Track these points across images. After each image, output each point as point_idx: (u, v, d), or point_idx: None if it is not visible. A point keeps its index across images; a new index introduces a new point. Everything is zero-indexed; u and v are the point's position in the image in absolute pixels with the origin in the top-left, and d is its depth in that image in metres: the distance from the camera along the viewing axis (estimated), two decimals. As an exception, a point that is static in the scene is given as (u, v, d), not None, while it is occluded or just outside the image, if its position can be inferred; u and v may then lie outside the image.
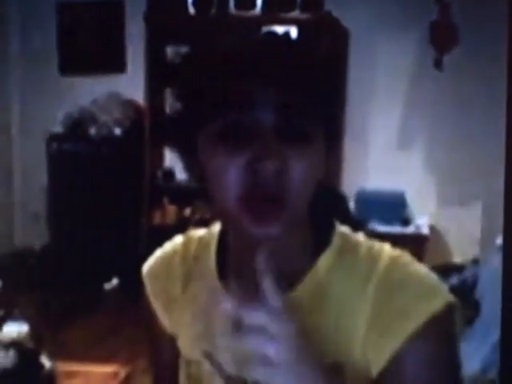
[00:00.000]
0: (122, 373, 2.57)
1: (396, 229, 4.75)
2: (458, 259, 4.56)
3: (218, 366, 0.99)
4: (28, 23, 5.72)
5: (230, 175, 0.87)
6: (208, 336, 1.01)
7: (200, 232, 1.13)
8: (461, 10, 4.86)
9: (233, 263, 1.02)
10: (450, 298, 0.93)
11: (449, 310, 0.92)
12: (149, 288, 1.13)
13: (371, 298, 0.93)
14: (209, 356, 1.01)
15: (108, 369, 2.86)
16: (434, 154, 5.06)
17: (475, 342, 2.96)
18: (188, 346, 1.07)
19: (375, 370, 0.91)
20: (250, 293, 0.81)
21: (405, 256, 0.97)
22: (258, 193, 0.86)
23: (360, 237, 1.02)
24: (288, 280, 0.95)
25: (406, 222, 4.89)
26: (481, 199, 4.89)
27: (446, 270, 3.67)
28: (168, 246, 1.14)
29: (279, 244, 0.92)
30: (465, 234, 4.93)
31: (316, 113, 0.89)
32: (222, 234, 1.07)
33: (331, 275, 0.97)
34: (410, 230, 4.84)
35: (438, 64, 4.96)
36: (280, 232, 0.88)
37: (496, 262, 2.80)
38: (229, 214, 0.90)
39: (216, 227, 1.10)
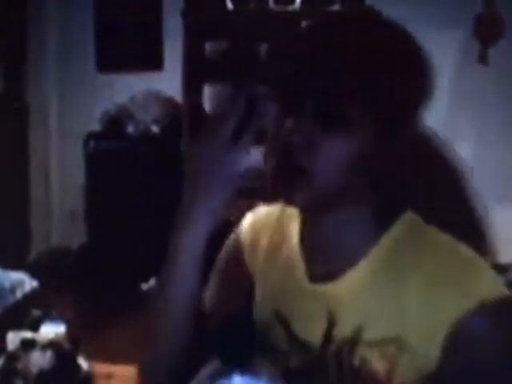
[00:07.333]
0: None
1: (440, 228, 4.63)
2: (502, 259, 4.44)
3: (284, 324, 1.05)
4: (65, 20, 5.69)
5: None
6: (280, 297, 1.08)
7: None
8: (506, 2, 4.73)
9: (307, 234, 1.11)
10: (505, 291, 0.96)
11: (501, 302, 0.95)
12: (244, 231, 1.25)
13: (423, 283, 0.96)
14: (278, 314, 1.07)
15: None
16: (479, 150, 4.94)
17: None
18: (259, 306, 1.14)
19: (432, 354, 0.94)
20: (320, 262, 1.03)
21: (467, 249, 1.00)
22: (286, 163, 0.96)
23: (430, 227, 1.04)
24: (350, 255, 1.01)
25: (449, 220, 4.78)
26: (528, 197, 4.78)
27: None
28: (271, 207, 1.23)
29: (334, 218, 1.02)
30: (510, 233, 4.80)
31: (352, 98, 0.95)
32: None
33: (392, 255, 1.00)
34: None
35: (482, 58, 4.84)
36: (304, 201, 0.99)
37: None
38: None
39: None
